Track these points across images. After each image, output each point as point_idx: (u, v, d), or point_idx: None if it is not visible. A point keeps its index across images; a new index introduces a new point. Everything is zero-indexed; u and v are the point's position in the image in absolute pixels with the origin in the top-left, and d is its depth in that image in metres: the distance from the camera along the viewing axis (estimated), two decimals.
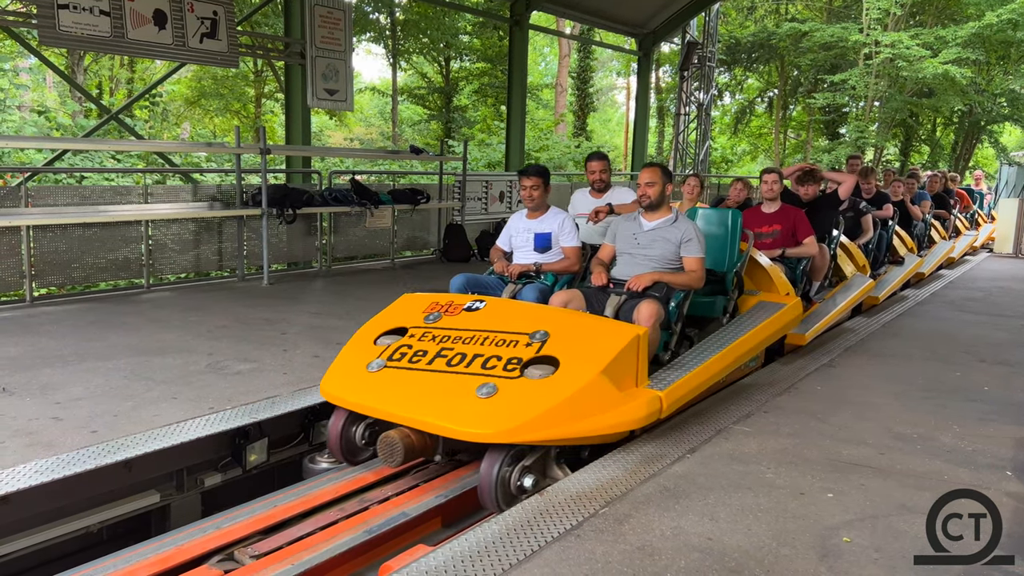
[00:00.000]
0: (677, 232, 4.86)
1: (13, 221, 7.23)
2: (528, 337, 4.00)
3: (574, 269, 5.35)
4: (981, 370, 5.93)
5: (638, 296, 4.59)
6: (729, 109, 32.35)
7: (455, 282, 5.19)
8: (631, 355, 4.03)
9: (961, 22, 23.09)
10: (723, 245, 5.76)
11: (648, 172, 4.94)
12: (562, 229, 5.36)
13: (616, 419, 3.85)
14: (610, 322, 4.29)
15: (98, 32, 8.19)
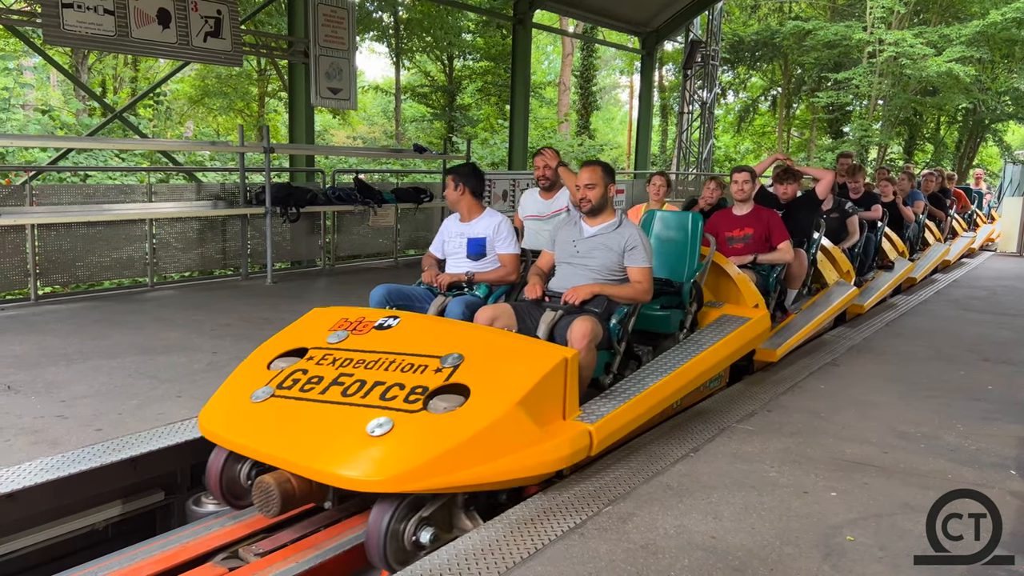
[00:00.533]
0: (620, 239, 4.33)
1: (18, 220, 7.25)
2: (439, 361, 3.46)
3: (511, 279, 4.82)
4: (985, 369, 5.92)
5: (575, 312, 4.09)
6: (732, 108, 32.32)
7: (375, 294, 4.62)
8: (556, 382, 3.49)
9: (965, 20, 23.06)
10: (682, 252, 5.27)
11: (587, 172, 4.35)
12: (498, 233, 4.81)
13: (532, 460, 3.29)
14: (534, 344, 3.76)
15: (102, 31, 8.21)
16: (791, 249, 5.96)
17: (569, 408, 3.60)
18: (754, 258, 5.90)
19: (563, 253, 4.51)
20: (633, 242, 4.30)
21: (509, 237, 4.84)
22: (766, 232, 5.95)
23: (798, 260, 6.18)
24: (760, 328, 5.22)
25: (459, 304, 4.39)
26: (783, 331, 6.00)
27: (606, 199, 4.37)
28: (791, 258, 5.97)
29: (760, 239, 5.95)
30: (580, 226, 4.47)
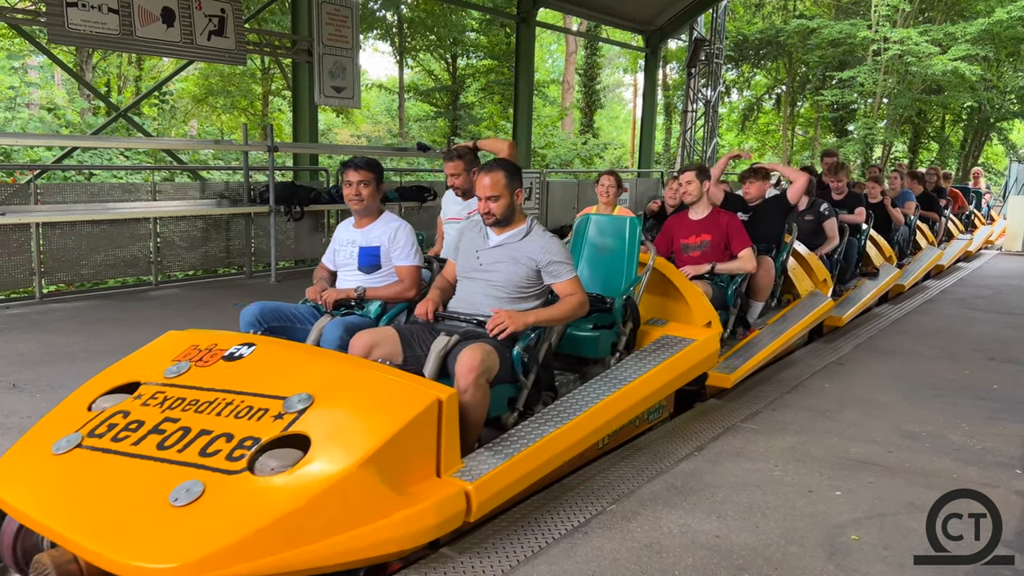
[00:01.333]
0: (528, 250, 3.65)
1: (22, 218, 7.27)
2: (282, 404, 2.84)
3: (408, 295, 4.10)
4: (990, 368, 5.90)
5: (473, 338, 3.45)
6: (737, 106, 32.25)
7: (246, 314, 3.90)
8: (424, 432, 2.83)
9: (970, 18, 22.98)
10: (617, 263, 4.61)
11: (487, 180, 3.62)
12: (394, 242, 4.12)
13: (383, 534, 2.63)
14: (401, 381, 3.00)
15: (106, 30, 8.22)
16: (753, 257, 5.36)
17: (446, 461, 2.92)
18: (711, 267, 5.29)
19: (464, 265, 3.81)
20: (550, 253, 3.64)
21: (408, 246, 4.14)
22: (725, 238, 5.35)
23: (763, 269, 5.60)
24: (707, 350, 4.49)
25: (337, 327, 3.72)
26: (743, 350, 5.29)
27: (513, 208, 3.68)
28: (753, 267, 5.38)
29: (719, 246, 5.35)
30: (486, 233, 3.79)
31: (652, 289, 4.90)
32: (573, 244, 4.80)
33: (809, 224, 7.06)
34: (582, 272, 4.69)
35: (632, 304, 4.44)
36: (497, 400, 3.43)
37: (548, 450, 3.30)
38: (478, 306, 3.67)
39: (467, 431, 3.13)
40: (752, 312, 5.73)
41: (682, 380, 4.35)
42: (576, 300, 3.66)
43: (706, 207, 5.45)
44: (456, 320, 3.67)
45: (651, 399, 4.09)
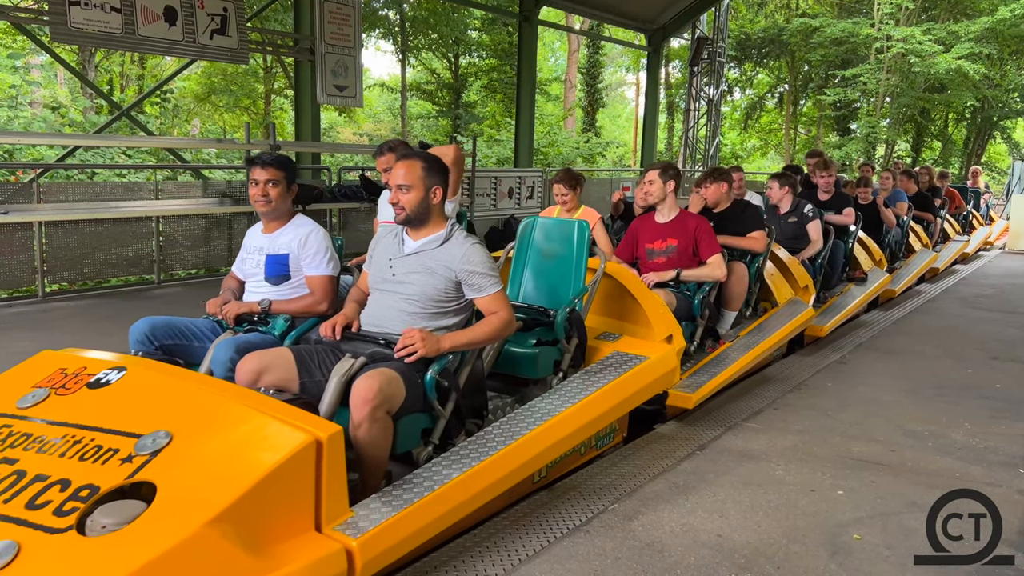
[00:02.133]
0: (445, 258, 3.19)
1: (25, 217, 7.28)
2: (135, 444, 2.41)
3: (320, 309, 3.66)
4: (993, 367, 5.89)
5: (382, 361, 3.02)
6: (739, 105, 32.22)
7: (135, 330, 3.49)
8: (298, 479, 2.39)
9: (974, 17, 22.95)
10: (565, 271, 4.17)
11: (402, 168, 3.17)
12: (304, 248, 3.68)
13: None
14: (273, 418, 2.52)
15: (109, 28, 8.22)
16: (723, 264, 4.93)
17: (330, 512, 2.48)
18: (676, 274, 4.88)
19: (376, 275, 3.34)
20: (466, 265, 3.16)
21: (319, 253, 3.70)
22: (693, 243, 4.91)
23: (735, 276, 5.23)
24: (663, 368, 4.03)
25: (228, 347, 3.27)
26: (710, 366, 4.87)
27: (428, 206, 3.19)
28: (723, 275, 4.93)
29: (686, 252, 4.92)
30: (402, 239, 3.31)
31: (609, 299, 4.51)
32: (517, 251, 4.36)
33: (792, 227, 6.68)
34: (526, 282, 4.32)
35: (577, 318, 3.94)
36: (408, 432, 3.02)
37: (457, 494, 2.80)
38: (388, 323, 3.21)
39: (367, 472, 2.81)
40: (724, 322, 5.35)
41: (633, 402, 3.88)
42: (500, 320, 3.18)
43: (673, 209, 5.00)
44: (364, 340, 3.18)
45: (595, 425, 3.59)
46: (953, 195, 12.55)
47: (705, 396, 4.54)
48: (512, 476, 3.08)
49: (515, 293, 4.33)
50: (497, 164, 21.37)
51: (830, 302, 6.96)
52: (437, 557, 2.88)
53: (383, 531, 2.51)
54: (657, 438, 3.99)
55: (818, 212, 6.79)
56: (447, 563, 2.84)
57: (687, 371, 4.69)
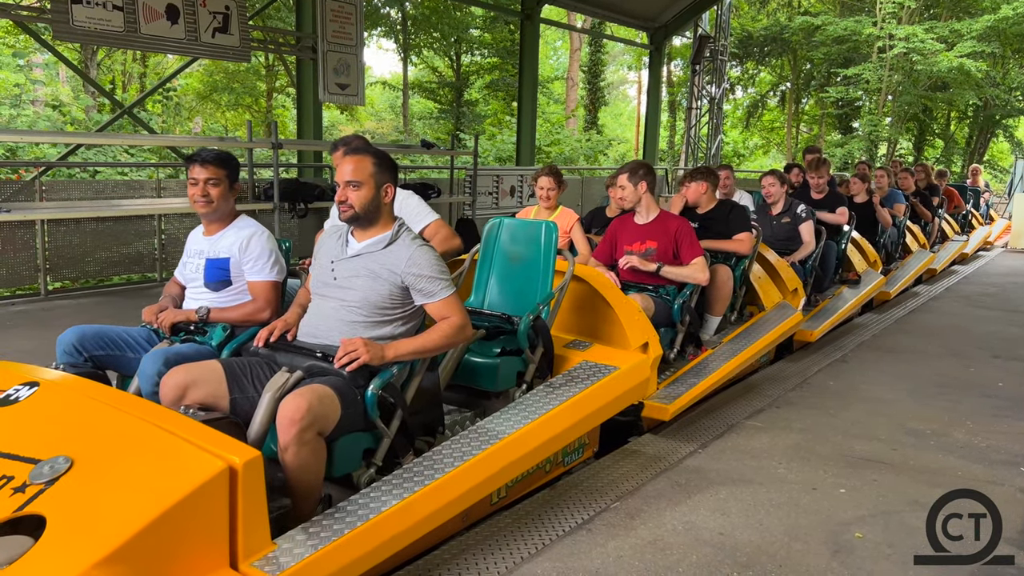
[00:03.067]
0: (391, 260, 2.93)
1: (27, 215, 7.30)
2: (31, 471, 2.19)
3: (261, 317, 3.39)
4: (995, 366, 5.89)
5: (320, 375, 2.76)
6: (741, 103, 32.19)
7: (63, 340, 3.29)
8: (208, 510, 2.15)
9: (976, 15, 22.91)
10: (532, 275, 3.91)
11: (349, 164, 2.94)
12: (245, 252, 3.44)
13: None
14: (182, 441, 2.29)
15: (111, 27, 8.23)
16: (706, 268, 4.67)
17: (248, 546, 2.24)
18: (658, 268, 4.65)
19: (317, 279, 3.07)
20: (414, 268, 2.91)
21: (262, 257, 3.46)
22: (674, 245, 4.65)
23: (719, 280, 4.97)
24: (636, 378, 3.79)
25: (156, 360, 3.00)
26: (690, 374, 4.60)
27: (378, 206, 2.96)
28: (705, 279, 4.67)
29: (666, 254, 4.67)
30: (346, 240, 3.07)
31: (582, 305, 4.26)
32: (482, 254, 4.13)
33: (785, 228, 6.46)
34: (492, 288, 4.07)
35: (542, 326, 3.67)
36: (347, 454, 2.76)
37: (395, 523, 2.54)
38: (327, 332, 2.92)
39: (298, 498, 2.59)
40: (708, 328, 5.11)
41: (601, 416, 3.67)
42: (451, 326, 2.93)
43: (653, 210, 4.74)
44: (301, 351, 2.88)
45: (559, 441, 3.36)
46: (952, 194, 12.23)
47: (683, 407, 4.28)
48: (462, 500, 2.81)
49: (480, 299, 4.06)
50: (499, 162, 21.36)
51: (821, 305, 6.71)
52: (439, 555, 2.89)
53: (305, 568, 2.27)
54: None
55: (811, 212, 6.56)
56: (449, 560, 2.84)
57: (666, 380, 4.45)
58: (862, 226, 7.98)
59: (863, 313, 7.75)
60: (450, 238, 3.96)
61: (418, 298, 2.96)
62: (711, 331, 5.12)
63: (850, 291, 7.15)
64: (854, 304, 7.03)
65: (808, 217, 6.48)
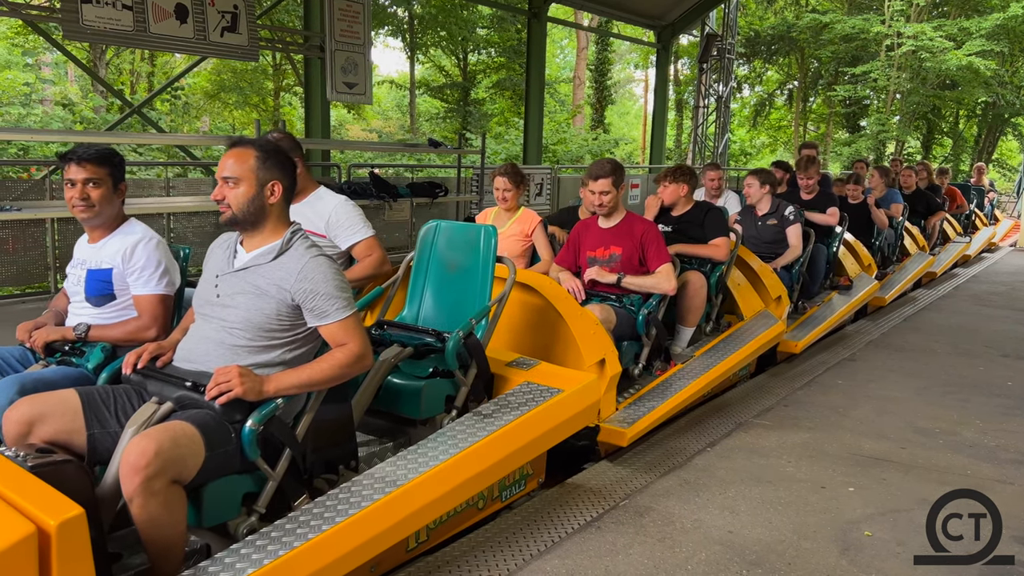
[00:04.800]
0: (279, 274, 2.52)
1: (38, 213, 7.33)
2: None
3: (147, 336, 3.02)
4: (1004, 365, 5.87)
5: (193, 407, 2.41)
6: (748, 102, 32.12)
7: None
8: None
9: (985, 13, 22.81)
10: (470, 286, 3.50)
11: (232, 156, 2.54)
12: (130, 262, 3.05)
13: None
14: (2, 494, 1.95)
15: (120, 26, 8.26)
16: (673, 276, 4.27)
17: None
18: (618, 279, 4.24)
19: (200, 297, 2.66)
20: (306, 284, 2.49)
21: (149, 267, 3.05)
22: (639, 251, 4.28)
23: (691, 288, 4.59)
24: (584, 401, 3.35)
25: (9, 388, 2.62)
26: (654, 392, 4.16)
27: (263, 208, 2.54)
28: (671, 288, 4.25)
29: (631, 261, 4.29)
30: (234, 251, 2.66)
31: (536, 317, 3.88)
32: (417, 261, 3.70)
33: (771, 230, 6.05)
34: (427, 300, 3.65)
35: (474, 343, 3.24)
36: (221, 500, 2.38)
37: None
38: (203, 358, 2.53)
39: (154, 557, 2.22)
40: (680, 339, 4.70)
41: (543, 444, 3.23)
42: (346, 354, 2.50)
43: (619, 212, 4.37)
44: (172, 380, 2.49)
45: (489, 475, 2.93)
46: (954, 193, 11.64)
47: (642, 432, 3.85)
48: (363, 551, 2.41)
49: (414, 312, 3.65)
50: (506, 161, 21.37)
51: (808, 313, 6.23)
52: (449, 552, 2.90)
53: None
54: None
55: (800, 214, 6.14)
56: (459, 558, 2.85)
57: (628, 399, 4.05)
58: (856, 228, 7.57)
59: (856, 320, 7.31)
60: (382, 262, 3.69)
61: (310, 319, 2.53)
62: (684, 343, 4.71)
63: (841, 297, 6.68)
64: (844, 311, 6.54)
65: (796, 219, 6.05)
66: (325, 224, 3.71)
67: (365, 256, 3.72)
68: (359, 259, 3.75)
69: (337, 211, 3.70)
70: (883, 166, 9.26)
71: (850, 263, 7.13)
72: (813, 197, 6.85)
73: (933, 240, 9.95)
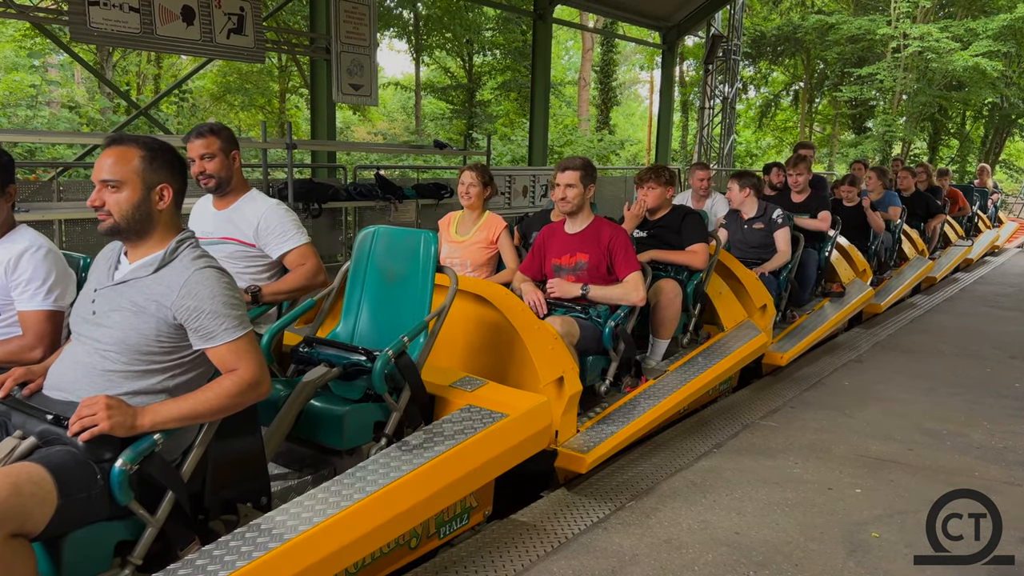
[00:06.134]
0: (159, 290, 2.20)
1: (45, 215, 7.36)
2: None
3: (31, 357, 2.70)
4: (1012, 366, 5.85)
5: (57, 443, 2.09)
6: (754, 103, 32.08)
7: None
8: None
9: (992, 14, 22.75)
10: (410, 299, 3.16)
11: (113, 155, 2.24)
12: (13, 274, 2.72)
13: None
14: None
15: (127, 28, 8.29)
16: (641, 285, 3.93)
17: None
18: (584, 291, 3.92)
19: (77, 315, 2.35)
20: (190, 300, 2.17)
21: (35, 281, 2.72)
22: (607, 259, 3.98)
23: (664, 297, 4.29)
24: (533, 425, 3.05)
25: None
26: (621, 412, 3.83)
27: (149, 214, 2.25)
28: (639, 299, 3.92)
29: (598, 269, 3.99)
30: (117, 259, 2.36)
31: (490, 332, 3.58)
32: (353, 271, 3.37)
33: (758, 235, 5.79)
34: (363, 313, 3.30)
35: (407, 364, 2.90)
36: (88, 552, 2.06)
37: None
38: (72, 385, 2.22)
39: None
40: (654, 353, 4.41)
41: (485, 475, 2.91)
42: (235, 382, 2.18)
43: (586, 217, 4.09)
44: (36, 411, 2.17)
45: (419, 513, 2.61)
46: (955, 195, 11.25)
47: (603, 457, 3.52)
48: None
49: (350, 328, 3.30)
50: (511, 163, 21.38)
51: (797, 323, 5.88)
52: (456, 552, 2.90)
53: None
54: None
55: (788, 218, 5.85)
56: (465, 559, 2.86)
57: (592, 419, 3.72)
58: (851, 231, 7.25)
59: (850, 328, 6.98)
60: (315, 272, 3.33)
61: (195, 340, 2.21)
62: (659, 356, 4.41)
63: (833, 305, 6.32)
64: (835, 320, 6.17)
65: (784, 223, 5.77)
66: (254, 231, 3.34)
67: (298, 266, 3.34)
68: (291, 269, 3.37)
69: (267, 217, 3.35)
70: (881, 167, 8.90)
71: (844, 269, 6.78)
72: (805, 199, 6.55)
73: (933, 244, 9.61)
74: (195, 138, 3.31)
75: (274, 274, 3.45)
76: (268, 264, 3.43)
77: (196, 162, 3.29)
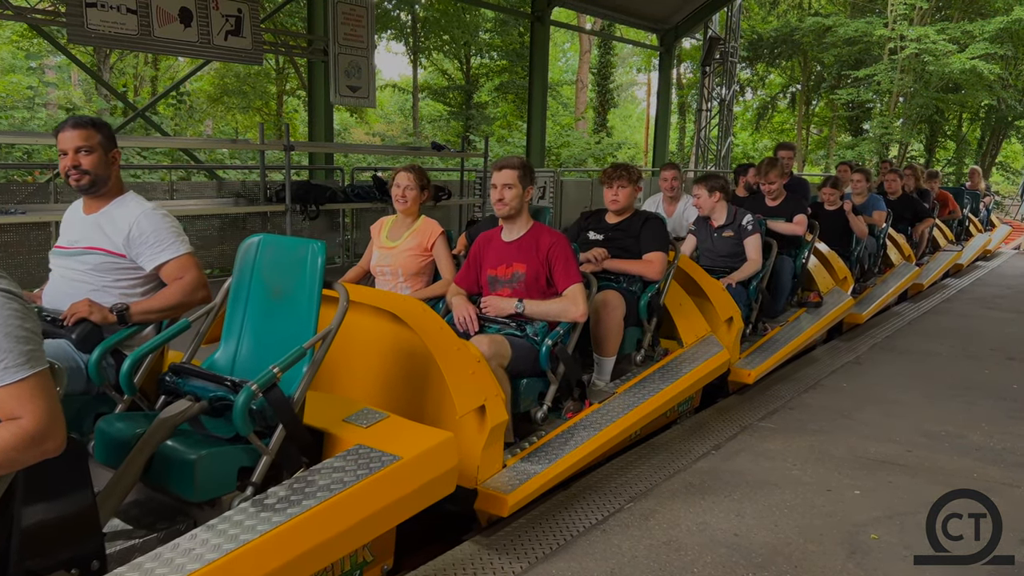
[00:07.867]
0: None
1: (42, 217, 7.35)
2: None
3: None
4: (1010, 368, 5.86)
5: None
6: (751, 105, 32.12)
7: None
8: None
9: (989, 16, 22.79)
10: (297, 319, 2.67)
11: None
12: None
13: None
14: None
15: (125, 30, 8.29)
16: (581, 299, 3.54)
17: None
18: (520, 307, 3.55)
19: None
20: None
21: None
22: (546, 269, 3.60)
23: (606, 310, 3.90)
24: (434, 468, 2.63)
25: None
26: (555, 443, 3.40)
27: None
28: (579, 314, 3.53)
29: (536, 282, 3.60)
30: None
31: (407, 355, 3.16)
32: (235, 287, 2.88)
33: (728, 243, 5.37)
34: (245, 335, 2.81)
35: (278, 399, 2.43)
36: None
37: None
38: None
39: None
40: (601, 372, 3.99)
41: (375, 527, 2.51)
42: (16, 433, 1.70)
43: (524, 223, 3.69)
44: None
45: (302, 569, 2.25)
46: (945, 198, 10.69)
47: (528, 499, 3.08)
48: None
49: (230, 353, 2.81)
50: None
51: (768, 336, 5.43)
52: (454, 554, 2.90)
53: None
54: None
55: (759, 225, 5.42)
56: (464, 561, 2.85)
57: (524, 451, 3.31)
58: (832, 237, 6.83)
59: (829, 340, 6.58)
60: (196, 287, 2.97)
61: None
62: (605, 377, 4.00)
63: (809, 316, 5.89)
64: (811, 332, 5.73)
65: (755, 230, 5.32)
66: (124, 239, 2.95)
67: (175, 279, 2.96)
68: (168, 282, 2.98)
69: (140, 223, 2.95)
70: (865, 169, 8.39)
71: (822, 277, 6.34)
72: (779, 203, 6.10)
73: (921, 249, 9.17)
74: (71, 128, 2.92)
75: (149, 289, 3.03)
76: (141, 278, 3.01)
77: (69, 155, 2.89)
